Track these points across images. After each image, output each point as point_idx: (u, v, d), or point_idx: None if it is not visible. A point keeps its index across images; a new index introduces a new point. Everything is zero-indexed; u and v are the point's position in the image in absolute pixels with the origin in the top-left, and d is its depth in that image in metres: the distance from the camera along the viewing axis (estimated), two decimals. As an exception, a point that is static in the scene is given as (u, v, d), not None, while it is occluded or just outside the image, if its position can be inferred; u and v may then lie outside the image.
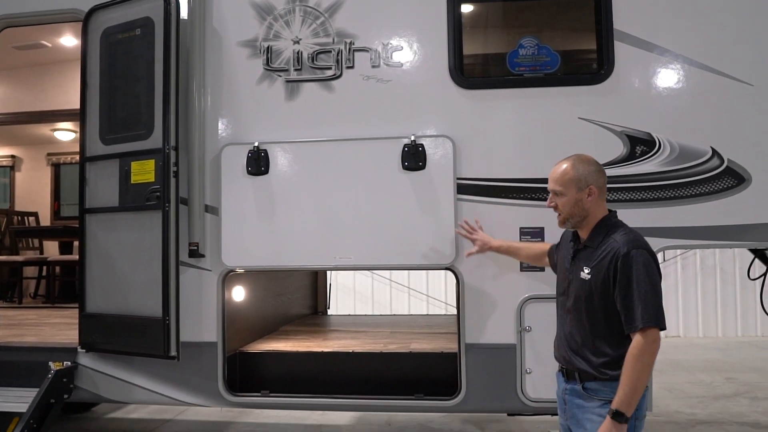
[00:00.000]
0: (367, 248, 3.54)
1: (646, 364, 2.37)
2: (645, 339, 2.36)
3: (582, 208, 2.59)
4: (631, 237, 2.50)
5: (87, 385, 3.89)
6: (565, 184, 2.60)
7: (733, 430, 5.66)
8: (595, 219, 2.60)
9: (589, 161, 2.65)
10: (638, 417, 2.46)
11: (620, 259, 2.43)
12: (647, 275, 2.40)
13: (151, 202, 3.53)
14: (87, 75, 3.85)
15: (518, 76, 3.57)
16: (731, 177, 3.40)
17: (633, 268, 2.40)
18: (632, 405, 2.36)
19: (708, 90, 3.44)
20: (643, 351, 2.35)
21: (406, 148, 3.51)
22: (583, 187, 2.58)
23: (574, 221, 2.63)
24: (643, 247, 2.46)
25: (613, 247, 2.47)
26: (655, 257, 2.49)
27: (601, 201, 2.62)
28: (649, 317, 2.36)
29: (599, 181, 2.61)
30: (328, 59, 3.66)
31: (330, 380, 3.92)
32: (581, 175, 2.58)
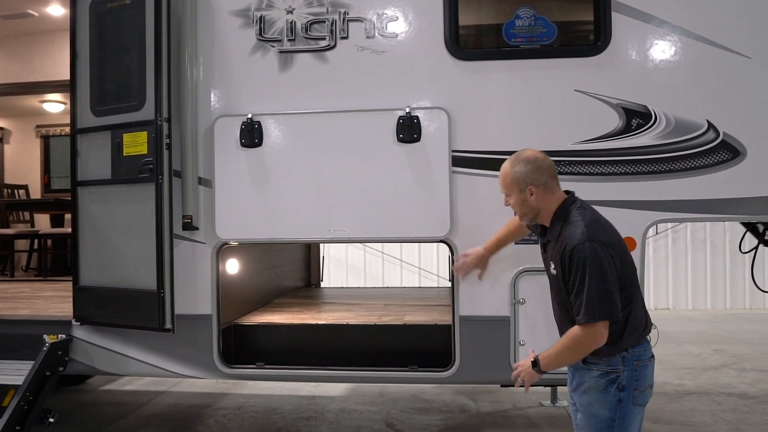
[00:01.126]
0: (361, 221, 3.54)
1: (576, 351, 2.47)
2: (585, 332, 2.41)
3: (530, 207, 2.65)
4: (579, 230, 2.48)
5: (82, 358, 3.90)
6: (507, 186, 2.68)
7: (721, 401, 5.76)
8: (550, 212, 2.64)
9: (526, 160, 2.65)
10: (639, 388, 2.51)
11: (567, 255, 2.47)
12: (592, 269, 2.40)
13: (144, 174, 3.49)
14: (76, 45, 3.77)
15: (514, 48, 3.54)
16: (726, 150, 3.40)
17: (575, 263, 2.43)
18: (549, 366, 2.52)
19: (705, 62, 3.42)
20: (579, 341, 2.43)
21: (401, 120, 3.49)
22: (523, 188, 2.63)
23: (529, 218, 2.70)
24: (590, 240, 2.44)
25: (564, 243, 2.51)
26: (605, 245, 2.45)
27: (548, 195, 2.64)
28: (590, 314, 2.39)
29: (538, 179, 2.62)
30: (322, 29, 3.61)
31: (324, 352, 3.94)
32: (519, 176, 2.63)
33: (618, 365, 2.51)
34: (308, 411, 5.62)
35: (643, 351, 2.55)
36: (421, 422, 5.29)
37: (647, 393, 2.55)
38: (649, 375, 2.56)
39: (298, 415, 5.52)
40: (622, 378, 2.49)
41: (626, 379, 2.48)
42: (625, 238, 3.39)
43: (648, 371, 2.55)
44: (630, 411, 2.50)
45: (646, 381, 2.54)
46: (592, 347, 2.44)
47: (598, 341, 2.42)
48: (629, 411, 2.50)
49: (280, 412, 5.59)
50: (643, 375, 2.52)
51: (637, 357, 2.52)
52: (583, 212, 2.57)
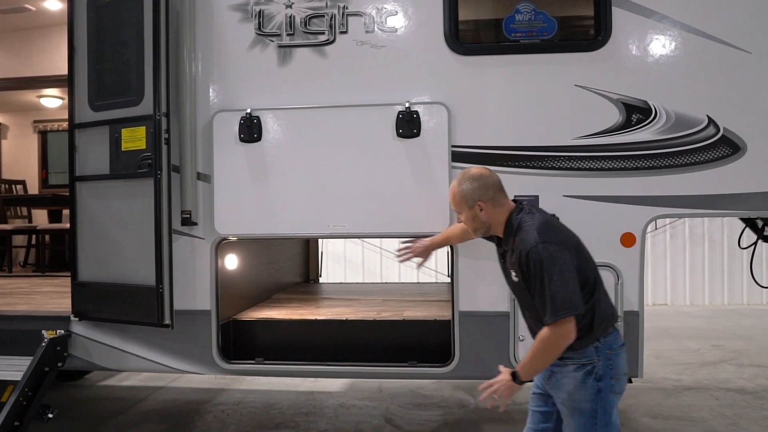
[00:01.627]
0: (360, 216, 3.53)
1: (547, 353, 2.50)
2: (553, 332, 2.47)
3: (481, 221, 2.73)
4: (531, 235, 2.55)
5: (81, 353, 3.89)
6: (457, 204, 2.76)
7: (719, 396, 5.77)
8: (500, 224, 2.71)
9: (472, 177, 2.73)
10: (615, 376, 2.60)
11: (524, 261, 2.54)
12: (549, 269, 2.47)
13: (143, 169, 3.48)
14: (74, 39, 3.75)
15: (514, 42, 3.52)
16: (726, 146, 3.39)
17: (532, 267, 2.51)
18: (527, 375, 2.55)
19: (705, 57, 3.41)
20: (548, 342, 2.48)
21: (401, 115, 3.47)
22: (472, 204, 2.70)
23: (481, 231, 2.78)
24: (542, 241, 2.51)
25: (519, 249, 2.58)
26: (558, 244, 2.53)
27: (497, 208, 2.71)
28: (554, 313, 2.45)
29: (485, 195, 2.69)
30: (321, 24, 3.59)
31: (323, 348, 3.94)
32: (466, 194, 2.70)
33: (592, 356, 2.58)
34: (307, 406, 5.62)
35: (614, 340, 2.64)
36: (419, 417, 5.29)
37: (623, 381, 2.64)
38: (623, 363, 2.65)
39: (296, 410, 5.52)
40: (597, 368, 2.57)
41: (602, 369, 2.56)
42: (625, 234, 3.45)
43: (621, 359, 2.64)
44: (609, 399, 2.58)
45: (621, 369, 2.63)
46: (564, 345, 2.49)
47: (567, 338, 2.48)
48: (609, 400, 2.58)
49: (278, 408, 5.59)
50: (617, 363, 2.61)
51: (609, 346, 2.60)
52: (532, 217, 2.64)
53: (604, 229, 3.44)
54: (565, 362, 2.61)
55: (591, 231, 3.40)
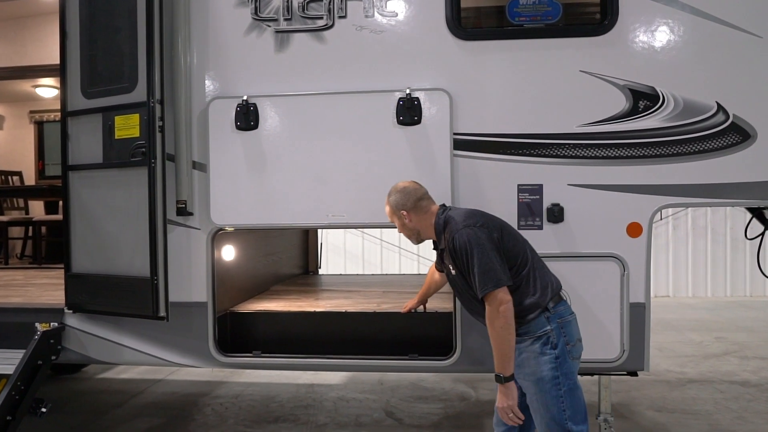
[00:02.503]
0: (360, 206, 3.44)
1: (500, 326, 2.65)
2: (490, 305, 2.67)
3: (411, 228, 3.02)
4: (452, 226, 2.81)
5: (75, 346, 3.81)
6: (390, 216, 3.07)
7: (723, 389, 5.71)
8: (429, 227, 2.97)
9: (395, 190, 3.03)
10: (570, 342, 2.78)
11: (451, 247, 2.78)
12: (472, 249, 2.70)
13: (137, 158, 3.38)
14: (66, 25, 3.65)
15: (518, 27, 3.42)
16: (736, 133, 3.30)
17: (459, 250, 2.74)
18: (506, 366, 2.68)
19: (715, 42, 3.30)
20: (492, 316, 2.67)
21: (401, 102, 3.38)
22: (399, 215, 3.00)
23: (417, 237, 3.04)
24: (465, 226, 2.75)
25: (448, 241, 2.82)
26: (480, 227, 2.76)
27: (422, 214, 2.98)
28: (484, 284, 2.66)
29: (408, 203, 2.98)
30: (320, 8, 3.49)
31: (322, 340, 3.86)
32: (393, 205, 3.01)
33: (545, 326, 2.75)
34: (306, 399, 5.56)
35: (564, 309, 2.82)
36: (420, 411, 5.23)
37: (578, 346, 2.83)
38: (575, 330, 2.83)
39: (296, 403, 5.46)
40: (552, 337, 2.74)
41: (556, 337, 2.74)
42: (632, 224, 3.37)
43: (573, 327, 2.83)
44: (569, 365, 2.75)
45: (575, 335, 2.82)
46: (508, 313, 2.65)
47: (505, 305, 2.64)
48: (568, 365, 2.75)
49: (278, 401, 5.53)
50: (570, 330, 2.79)
51: (559, 315, 2.78)
52: (456, 212, 2.91)
53: (609, 219, 3.35)
54: (522, 338, 2.77)
55: (596, 221, 3.36)
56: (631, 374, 3.50)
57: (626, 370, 3.45)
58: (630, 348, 3.35)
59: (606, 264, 3.35)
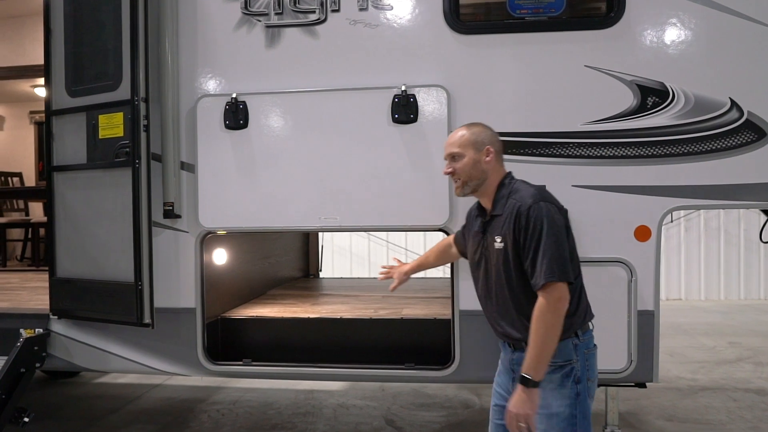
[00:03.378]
0: (353, 208, 3.29)
1: (550, 325, 2.31)
2: (548, 297, 2.31)
3: (480, 170, 2.56)
4: (532, 191, 2.46)
5: (61, 354, 3.69)
6: (462, 145, 2.59)
7: (737, 397, 5.51)
8: (494, 183, 2.58)
9: (483, 126, 2.66)
10: (591, 378, 2.46)
11: (522, 215, 2.39)
12: (550, 228, 2.34)
13: (120, 158, 3.26)
14: (50, 21, 3.54)
15: (519, 20, 3.26)
16: (751, 131, 3.12)
17: (533, 222, 2.36)
18: (539, 369, 2.32)
19: (728, 35, 3.13)
20: (545, 310, 2.31)
21: (397, 99, 3.23)
22: (480, 148, 2.57)
23: (473, 185, 2.59)
24: (544, 200, 2.42)
25: (515, 205, 2.43)
26: (560, 209, 2.46)
27: (499, 164, 2.62)
28: (551, 272, 2.30)
29: (495, 144, 2.61)
30: (312, 2, 3.34)
31: (317, 348, 3.71)
32: (478, 136, 2.59)
33: (571, 355, 2.42)
34: (305, 406, 5.42)
35: (590, 339, 2.51)
36: (422, 419, 5.07)
37: (596, 383, 2.52)
38: (596, 364, 2.53)
39: (294, 410, 5.32)
40: (576, 369, 2.41)
41: (580, 370, 2.41)
42: (640, 227, 3.19)
43: (595, 360, 2.52)
44: (587, 405, 2.43)
45: (595, 371, 2.51)
46: (562, 313, 2.32)
47: (563, 303, 2.32)
48: (586, 405, 2.43)
49: (276, 407, 5.39)
50: (592, 364, 2.49)
51: (586, 345, 2.47)
52: (527, 184, 2.56)
53: (616, 222, 3.19)
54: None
55: (602, 224, 3.19)
56: (639, 386, 3.35)
57: (634, 382, 3.28)
58: (638, 358, 3.18)
59: (612, 269, 3.18)
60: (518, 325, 2.49)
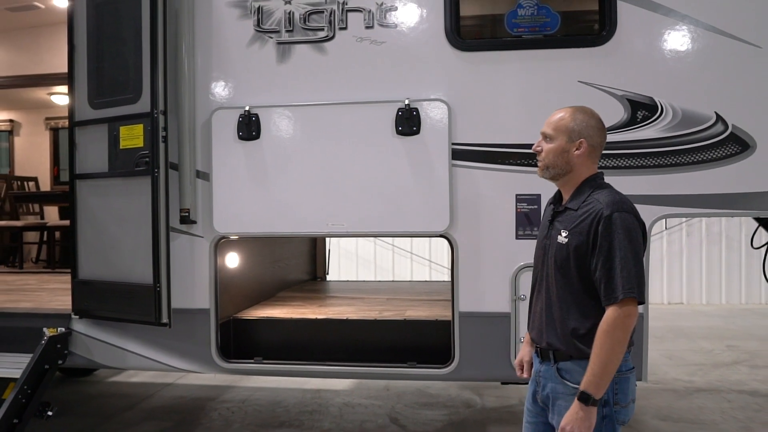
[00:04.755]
0: (359, 214, 3.48)
1: (618, 341, 2.16)
2: (619, 312, 2.16)
3: (565, 161, 2.38)
4: (616, 198, 2.29)
5: (81, 351, 3.90)
6: (557, 129, 2.40)
7: (731, 398, 5.66)
8: (580, 178, 2.39)
9: (591, 114, 2.43)
10: (621, 403, 2.27)
11: (602, 222, 2.22)
12: (630, 242, 2.19)
13: (140, 167, 3.46)
14: (74, 37, 3.77)
15: (516, 38, 3.45)
16: (736, 143, 3.30)
17: (615, 233, 2.19)
18: (601, 387, 2.16)
19: (714, 52, 3.31)
20: (616, 326, 2.16)
21: (400, 113, 3.42)
22: (574, 138, 2.37)
23: (554, 172, 2.42)
24: (628, 211, 2.26)
25: (595, 209, 2.26)
26: (641, 223, 2.29)
27: (590, 160, 2.40)
28: (630, 288, 2.15)
29: (594, 138, 2.39)
30: (321, 20, 3.55)
31: (324, 347, 3.91)
32: (576, 125, 2.37)
33: None
34: (312, 404, 5.60)
35: (625, 361, 2.27)
36: (425, 417, 5.25)
37: (630, 409, 2.32)
38: (631, 389, 2.32)
39: (301, 408, 5.50)
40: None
41: (608, 393, 2.21)
42: (630, 234, 3.35)
43: (630, 384, 2.31)
44: (612, 429, 2.26)
45: (629, 395, 2.30)
46: (630, 330, 2.18)
47: (632, 320, 2.18)
48: (612, 429, 2.26)
49: (284, 406, 5.58)
50: (625, 388, 2.28)
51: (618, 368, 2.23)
52: (616, 190, 2.38)
53: (608, 229, 3.36)
54: (565, 380, 2.31)
55: (594, 231, 3.36)
56: (630, 384, 3.49)
57: (624, 380, 3.44)
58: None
59: (604, 274, 3.35)
60: (558, 331, 2.35)
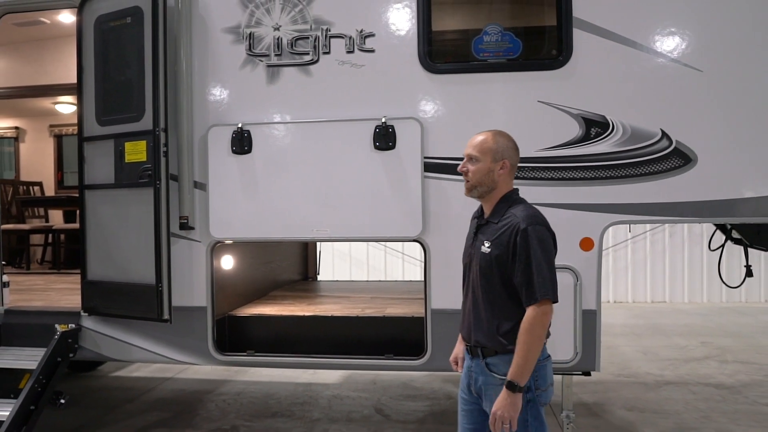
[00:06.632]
0: (341, 221, 3.85)
1: (537, 336, 2.52)
2: (538, 311, 2.51)
3: (492, 179, 2.70)
4: (530, 213, 2.63)
5: (90, 345, 4.26)
6: (482, 151, 2.71)
7: (697, 391, 6.03)
8: (500, 194, 2.72)
9: (508, 137, 2.78)
10: (541, 387, 2.63)
11: (519, 234, 2.55)
12: (543, 251, 2.54)
13: (144, 179, 3.82)
14: (83, 59, 4.10)
15: (482, 62, 3.81)
16: (679, 157, 3.66)
17: (530, 244, 2.53)
18: (525, 375, 2.51)
19: (660, 75, 3.67)
20: (535, 323, 2.51)
21: (378, 130, 3.78)
22: (498, 159, 2.69)
23: (481, 190, 2.72)
24: (541, 224, 2.60)
25: (513, 222, 2.59)
26: (552, 234, 2.65)
27: (510, 178, 2.76)
28: (545, 290, 2.51)
29: (513, 158, 2.74)
30: (306, 45, 3.91)
31: (311, 341, 4.28)
32: (499, 147, 2.70)
33: None
34: (303, 397, 5.97)
35: (542, 351, 2.62)
36: (408, 408, 5.62)
37: (549, 391, 2.68)
38: (549, 374, 2.69)
39: (293, 400, 5.87)
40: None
41: (530, 380, 2.56)
42: (584, 239, 3.74)
43: (548, 370, 2.68)
44: (537, 410, 2.63)
45: (548, 380, 2.67)
46: (547, 325, 2.55)
47: (549, 318, 2.54)
48: (537, 410, 2.62)
49: (276, 398, 5.95)
50: (544, 374, 2.65)
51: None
52: (530, 204, 2.73)
53: (564, 234, 3.66)
54: (493, 373, 2.64)
55: (552, 236, 3.73)
56: (585, 374, 3.86)
57: (580, 370, 3.82)
58: (582, 350, 3.73)
59: (560, 275, 3.65)
60: (484, 330, 2.68)
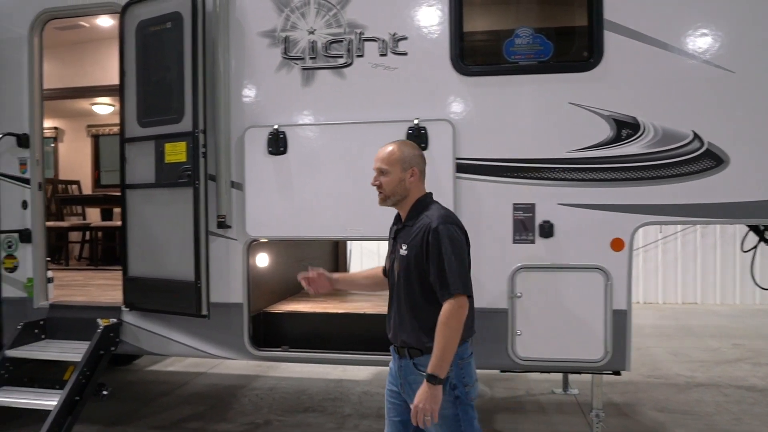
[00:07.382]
0: (373, 221, 3.90)
1: (453, 329, 2.57)
2: (453, 305, 2.58)
3: (404, 188, 2.82)
4: (442, 213, 2.74)
5: (130, 339, 4.42)
6: (391, 163, 2.82)
7: (728, 393, 5.98)
8: (413, 199, 2.84)
9: (412, 146, 2.92)
10: (468, 384, 2.71)
11: (431, 233, 2.65)
12: (454, 248, 2.62)
13: (183, 180, 3.96)
14: (124, 64, 4.26)
15: (514, 64, 3.86)
16: (710, 159, 3.67)
17: (442, 242, 2.62)
18: (443, 368, 2.56)
19: (691, 77, 3.68)
20: (451, 316, 2.57)
21: (410, 131, 3.86)
22: (406, 168, 2.81)
23: (394, 199, 2.85)
24: (451, 223, 2.70)
25: (425, 223, 2.70)
26: (463, 231, 2.74)
27: (421, 183, 2.88)
28: (457, 285, 2.58)
29: (420, 165, 2.86)
30: (340, 48, 4.00)
31: (343, 338, 4.37)
32: (406, 157, 2.82)
33: None
34: (334, 393, 6.08)
35: (464, 350, 2.72)
36: (437, 405, 5.68)
37: (475, 387, 2.77)
38: (473, 371, 2.77)
39: (324, 396, 5.98)
40: (451, 377, 2.64)
41: (455, 378, 2.66)
42: (615, 239, 3.77)
43: (472, 368, 2.76)
44: (467, 405, 2.70)
45: (473, 376, 2.76)
46: (463, 318, 2.59)
47: (464, 311, 2.60)
48: (466, 406, 2.70)
49: (308, 393, 6.06)
50: (469, 371, 2.74)
51: (459, 356, 2.67)
52: (441, 206, 2.84)
53: (594, 235, 3.76)
54: (421, 371, 2.64)
55: (583, 236, 3.78)
56: (615, 373, 3.89)
57: (610, 370, 3.85)
58: (612, 350, 3.76)
59: (591, 275, 3.77)
60: (409, 331, 2.73)
